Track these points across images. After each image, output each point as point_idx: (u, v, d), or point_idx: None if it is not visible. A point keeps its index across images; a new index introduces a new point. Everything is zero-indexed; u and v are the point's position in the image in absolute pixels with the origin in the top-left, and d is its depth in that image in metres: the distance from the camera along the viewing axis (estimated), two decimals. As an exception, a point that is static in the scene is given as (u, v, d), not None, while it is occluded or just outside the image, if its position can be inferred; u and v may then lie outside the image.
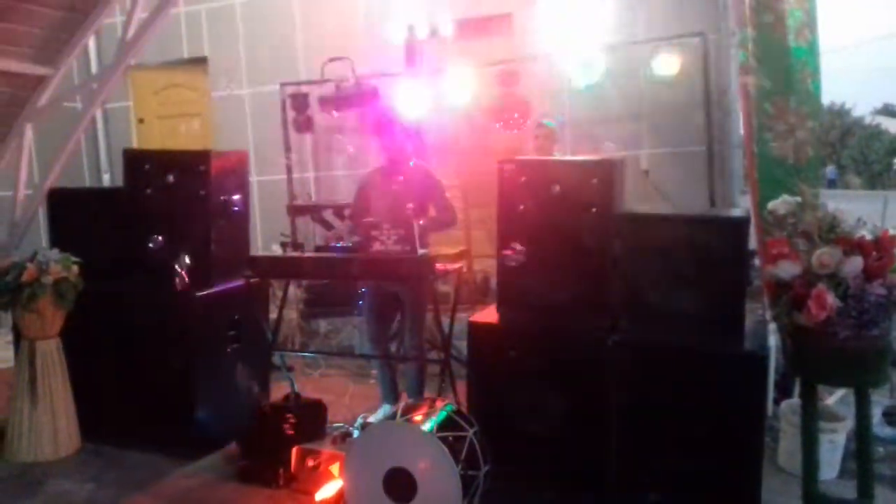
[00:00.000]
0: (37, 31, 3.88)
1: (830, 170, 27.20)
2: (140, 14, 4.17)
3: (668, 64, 5.49)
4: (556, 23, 6.08)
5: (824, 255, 2.70)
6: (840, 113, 31.98)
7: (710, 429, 3.08)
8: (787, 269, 2.78)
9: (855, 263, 2.66)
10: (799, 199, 2.87)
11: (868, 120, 32.04)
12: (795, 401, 3.97)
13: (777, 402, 4.23)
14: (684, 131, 5.83)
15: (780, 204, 2.88)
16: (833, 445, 3.73)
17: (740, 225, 3.16)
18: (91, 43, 7.04)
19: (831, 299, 2.65)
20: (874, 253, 2.70)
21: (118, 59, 4.15)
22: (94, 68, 7.37)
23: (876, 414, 4.36)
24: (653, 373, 3.16)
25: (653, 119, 6.00)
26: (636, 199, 5.65)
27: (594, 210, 3.35)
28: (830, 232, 2.77)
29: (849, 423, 3.73)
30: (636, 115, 6.04)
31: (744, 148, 4.48)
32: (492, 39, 6.46)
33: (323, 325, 5.90)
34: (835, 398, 4.18)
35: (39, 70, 4.19)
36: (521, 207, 3.47)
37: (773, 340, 3.80)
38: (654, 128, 6.03)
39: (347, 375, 5.41)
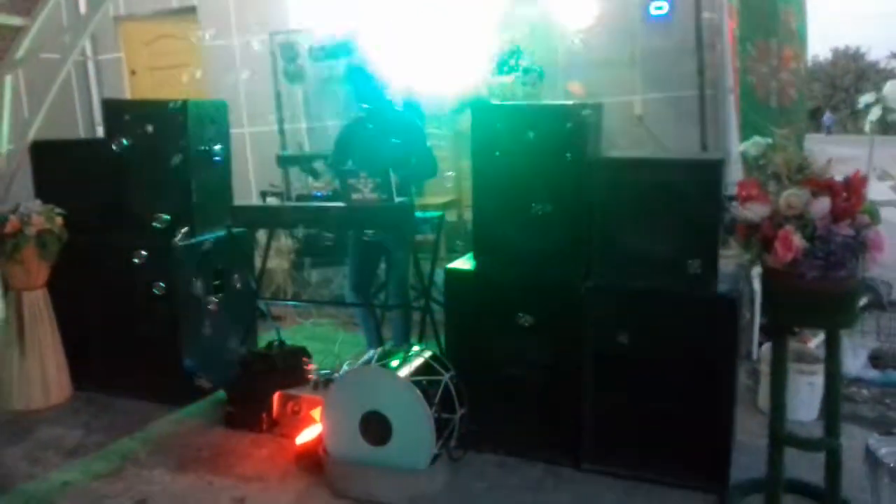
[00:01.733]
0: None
1: (827, 116, 26.85)
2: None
3: (660, 6, 5.39)
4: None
5: (792, 197, 2.67)
6: (854, 57, 31.43)
7: (684, 372, 3.13)
8: (756, 211, 2.75)
9: (822, 204, 2.63)
10: (770, 140, 2.84)
11: (883, 64, 31.47)
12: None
13: (761, 345, 4.27)
14: (677, 76, 5.72)
15: (751, 145, 2.86)
16: (812, 388, 3.76)
17: (714, 167, 3.14)
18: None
19: (797, 240, 2.63)
20: (843, 194, 2.67)
21: (90, 10, 4.10)
22: (82, 11, 7.26)
23: (862, 356, 4.40)
24: (626, 317, 3.19)
25: (645, 64, 5.89)
26: (629, 145, 5.61)
27: (569, 155, 3.31)
28: (799, 173, 2.74)
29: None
30: (629, 60, 5.93)
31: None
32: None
33: (315, 274, 5.93)
34: (817, 341, 4.19)
35: (15, 21, 4.16)
36: (497, 153, 3.44)
37: (757, 284, 3.80)
38: (647, 73, 5.93)
39: (338, 325, 5.46)
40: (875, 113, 2.45)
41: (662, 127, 5.80)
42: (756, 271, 3.52)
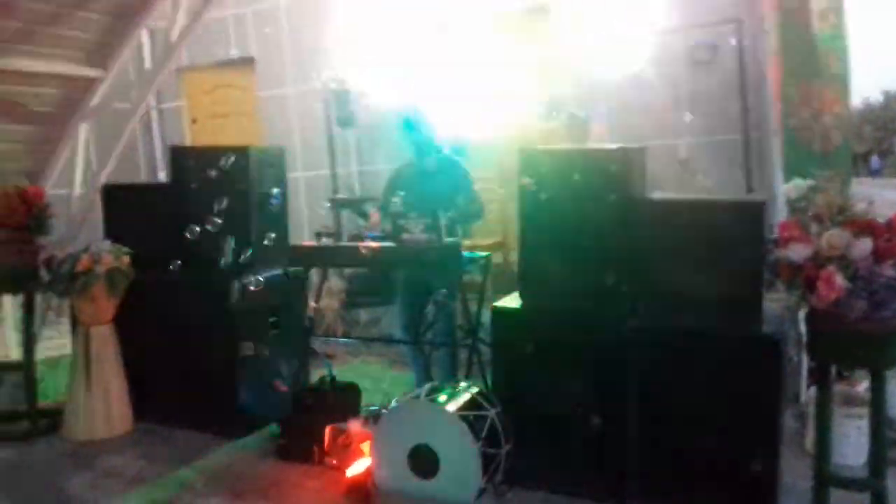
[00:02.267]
0: (86, 35, 4.14)
1: (875, 160, 26.38)
2: (182, 19, 4.40)
3: (704, 51, 5.51)
4: (593, 13, 6.11)
5: (833, 237, 2.73)
6: (905, 98, 30.93)
7: (728, 413, 3.15)
8: (798, 252, 2.82)
9: (864, 245, 2.69)
10: (812, 182, 2.90)
11: (937, 106, 30.87)
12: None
13: (809, 387, 4.24)
14: (722, 119, 5.80)
15: (792, 188, 2.92)
16: (860, 431, 3.71)
17: (756, 208, 3.21)
18: (146, 44, 7.37)
19: (840, 280, 2.68)
20: (885, 235, 2.72)
21: (159, 63, 4.40)
22: (147, 67, 7.70)
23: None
24: (670, 357, 3.23)
25: (691, 107, 5.99)
26: (674, 189, 5.68)
27: (613, 197, 3.41)
28: (840, 214, 2.79)
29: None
30: (675, 104, 6.04)
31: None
32: (531, 31, 6.53)
33: (364, 314, 6.09)
34: (866, 384, 4.15)
35: (90, 72, 4.47)
36: (543, 196, 3.56)
37: (804, 326, 3.80)
38: (693, 116, 6.02)
39: (386, 363, 5.58)
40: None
41: (708, 170, 5.86)
42: (802, 313, 3.54)
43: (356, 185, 7.16)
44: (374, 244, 3.96)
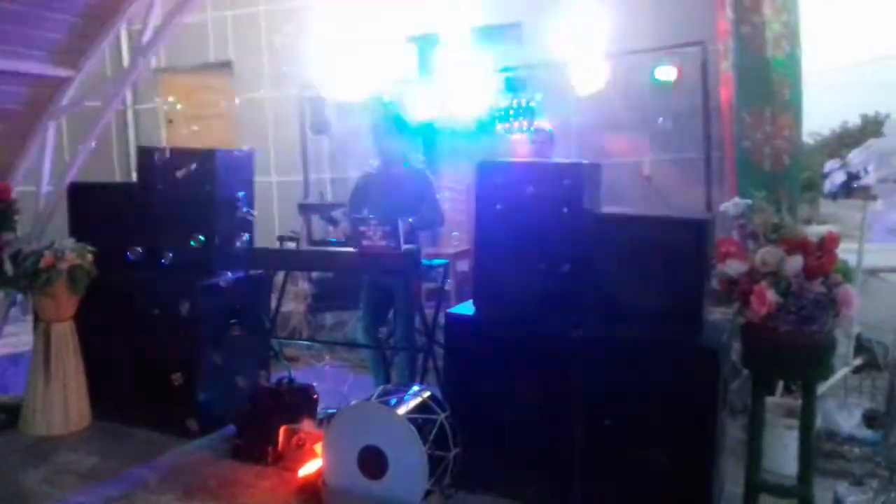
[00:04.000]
0: (57, 35, 4.20)
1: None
2: (154, 21, 4.46)
3: (668, 72, 5.65)
4: (562, 32, 6.24)
5: (766, 254, 2.85)
6: (883, 122, 31.48)
7: (670, 421, 3.25)
8: (734, 267, 2.94)
9: (795, 262, 2.81)
10: (749, 201, 3.02)
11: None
12: (773, 399, 4.10)
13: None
14: (684, 138, 5.95)
15: (731, 206, 3.04)
16: (800, 442, 3.84)
17: (700, 226, 3.32)
18: (123, 43, 7.42)
19: (771, 295, 2.80)
20: (816, 253, 2.84)
21: (131, 63, 4.46)
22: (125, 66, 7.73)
23: (856, 415, 4.47)
24: (613, 366, 3.33)
25: (655, 126, 6.14)
26: (637, 204, 5.81)
27: (565, 210, 3.52)
28: (775, 232, 2.92)
29: (819, 423, 3.85)
30: (639, 123, 6.18)
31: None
32: (502, 47, 6.65)
33: (329, 318, 6.15)
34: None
35: (60, 72, 4.52)
36: (498, 206, 3.66)
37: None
38: (656, 135, 6.17)
39: (349, 367, 5.64)
40: (839, 177, 2.63)
41: (670, 187, 6.01)
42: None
43: (328, 191, 7.24)
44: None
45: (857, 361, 4.43)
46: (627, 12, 6.08)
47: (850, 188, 2.81)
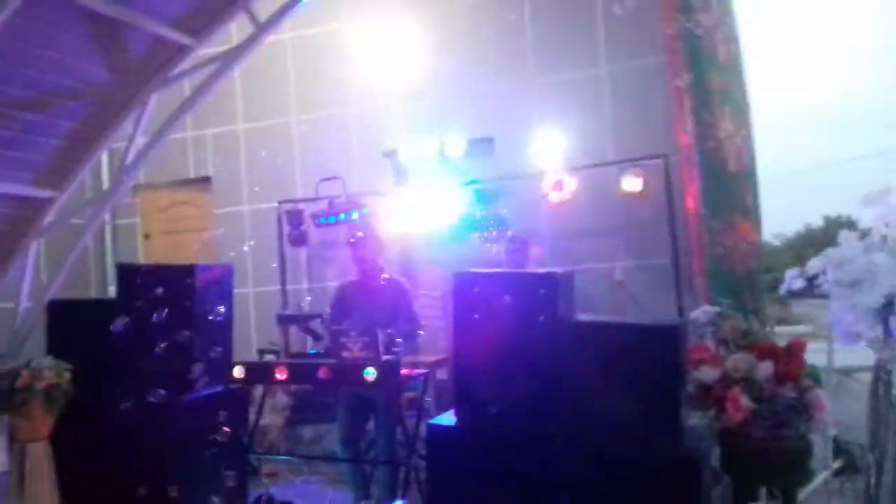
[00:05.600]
0: (42, 157, 4.33)
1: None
2: (140, 140, 4.62)
3: (634, 183, 5.91)
4: (532, 145, 6.54)
5: (738, 360, 2.95)
6: (847, 224, 32.51)
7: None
8: (708, 374, 3.02)
9: (766, 368, 2.90)
10: (718, 308, 3.14)
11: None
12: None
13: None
14: (653, 245, 6.16)
15: (700, 314, 3.15)
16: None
17: (672, 331, 3.41)
18: (104, 162, 7.59)
19: (745, 401, 2.88)
20: (784, 359, 2.94)
21: (114, 183, 4.59)
22: (105, 185, 7.88)
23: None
24: (595, 478, 3.32)
25: (624, 233, 6.36)
26: (611, 310, 5.94)
27: (541, 318, 3.60)
28: (745, 338, 3.02)
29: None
30: (610, 230, 6.40)
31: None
32: (474, 159, 6.91)
33: (308, 431, 6.08)
34: None
35: (44, 193, 4.63)
36: (476, 316, 3.74)
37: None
38: (626, 241, 6.38)
39: (328, 482, 5.54)
40: (798, 283, 2.78)
41: (642, 292, 6.15)
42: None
43: (305, 301, 7.30)
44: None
45: (837, 464, 4.46)
46: (594, 128, 6.44)
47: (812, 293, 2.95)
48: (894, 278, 2.56)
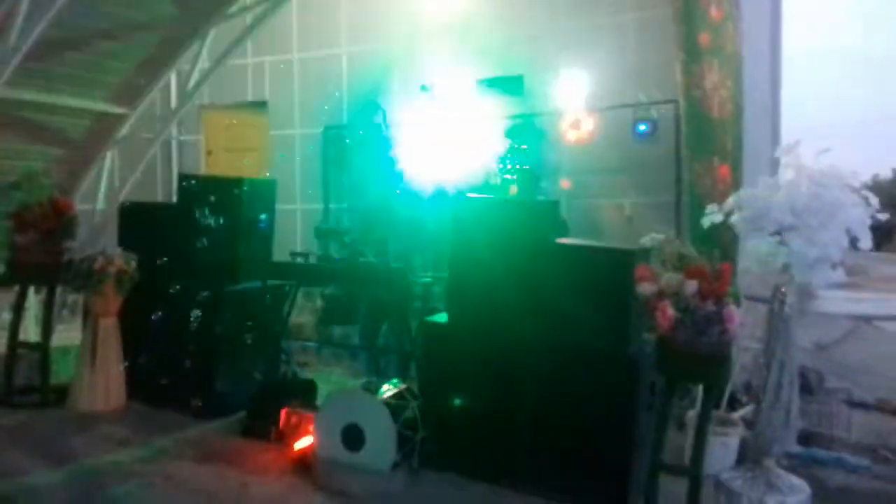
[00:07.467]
0: (117, 79, 5.10)
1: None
2: (201, 66, 5.35)
3: (644, 125, 6.42)
4: (558, 86, 7.05)
5: (670, 278, 3.55)
6: (905, 179, 31.63)
7: (596, 415, 3.89)
8: (647, 288, 3.63)
9: (691, 286, 3.50)
10: (662, 236, 3.73)
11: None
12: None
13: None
14: (659, 184, 6.68)
15: (647, 239, 3.74)
16: (725, 448, 4.47)
17: (628, 255, 4.02)
18: (172, 82, 8.38)
19: (671, 311, 3.49)
20: (710, 279, 3.53)
21: (179, 103, 5.34)
22: (172, 104, 8.71)
23: (793, 434, 5.05)
24: (557, 367, 4.01)
25: (634, 172, 6.88)
26: (616, 240, 6.52)
27: (525, 239, 4.24)
28: (680, 261, 3.61)
29: (741, 431, 4.49)
30: (622, 168, 6.93)
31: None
32: (504, 96, 7.46)
33: (337, 330, 6.91)
34: (742, 412, 4.90)
35: (119, 110, 5.42)
36: (470, 235, 4.40)
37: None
38: (636, 180, 6.91)
39: (351, 374, 6.38)
40: (717, 218, 3.36)
41: (647, 227, 6.69)
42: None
43: (344, 218, 8.08)
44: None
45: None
46: (615, 73, 6.90)
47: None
48: (783, 215, 3.11)
